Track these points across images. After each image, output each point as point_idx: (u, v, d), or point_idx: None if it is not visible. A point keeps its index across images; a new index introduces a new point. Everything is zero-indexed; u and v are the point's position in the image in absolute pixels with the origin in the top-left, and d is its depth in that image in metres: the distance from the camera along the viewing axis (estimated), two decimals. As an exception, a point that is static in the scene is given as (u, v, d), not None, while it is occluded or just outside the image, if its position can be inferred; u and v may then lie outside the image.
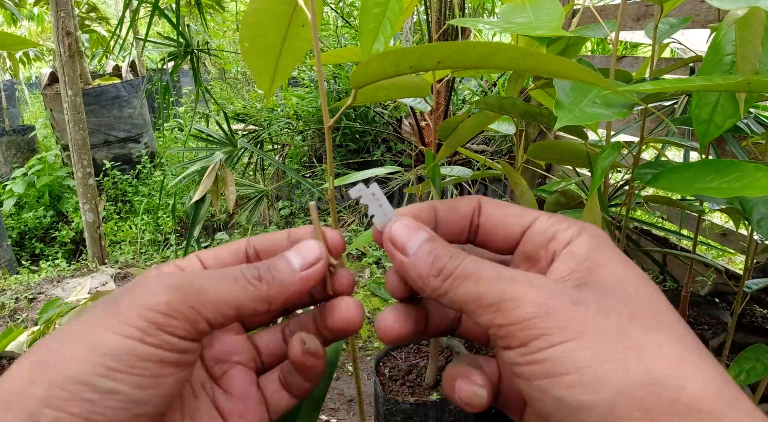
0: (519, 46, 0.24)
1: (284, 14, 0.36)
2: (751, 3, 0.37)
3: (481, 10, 3.15)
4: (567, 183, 0.95)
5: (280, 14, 0.36)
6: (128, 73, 4.34)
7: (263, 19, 0.36)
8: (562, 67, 0.25)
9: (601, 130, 0.78)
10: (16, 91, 7.15)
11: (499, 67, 0.26)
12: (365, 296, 2.03)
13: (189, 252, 1.86)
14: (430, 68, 0.28)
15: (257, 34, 0.37)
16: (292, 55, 0.38)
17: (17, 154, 4.29)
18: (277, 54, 0.38)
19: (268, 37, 0.37)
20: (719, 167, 0.46)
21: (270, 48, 0.38)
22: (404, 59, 0.26)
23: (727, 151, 1.36)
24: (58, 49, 2.36)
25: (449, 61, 0.26)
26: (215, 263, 0.27)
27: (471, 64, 0.26)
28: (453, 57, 0.25)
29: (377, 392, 1.15)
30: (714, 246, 1.83)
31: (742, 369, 0.81)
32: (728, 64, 0.52)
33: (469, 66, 0.26)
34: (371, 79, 0.29)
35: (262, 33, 0.37)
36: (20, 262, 3.01)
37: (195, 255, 0.27)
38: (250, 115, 3.23)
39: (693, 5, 1.42)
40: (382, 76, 0.29)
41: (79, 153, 2.49)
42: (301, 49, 0.38)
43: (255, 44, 0.37)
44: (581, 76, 0.25)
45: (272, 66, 0.38)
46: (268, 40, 0.37)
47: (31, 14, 5.69)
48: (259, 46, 0.37)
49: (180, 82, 6.73)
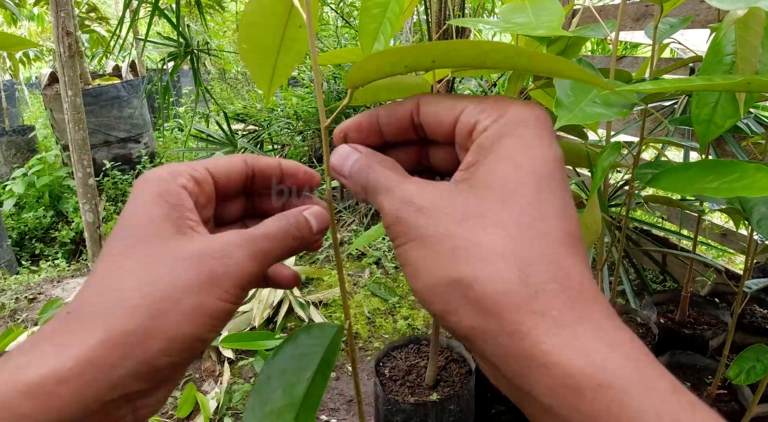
0: (514, 45, 0.24)
1: (281, 15, 0.36)
2: (750, 3, 0.37)
3: (481, 10, 3.15)
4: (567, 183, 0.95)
5: (277, 15, 0.36)
6: (128, 73, 4.34)
7: (260, 20, 0.36)
8: (555, 66, 0.25)
9: (601, 130, 0.78)
10: (16, 91, 7.15)
11: (495, 66, 0.26)
12: (365, 296, 2.03)
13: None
14: (426, 67, 0.27)
15: (255, 35, 0.37)
16: (291, 56, 0.38)
17: (17, 154, 4.28)
18: (275, 55, 0.38)
19: (265, 37, 0.37)
20: (719, 167, 0.46)
21: (268, 49, 0.37)
22: (399, 58, 0.26)
23: (727, 151, 1.36)
24: (58, 49, 2.36)
25: (444, 59, 0.26)
26: (225, 182, 0.30)
27: (466, 62, 0.26)
28: (449, 55, 0.25)
29: (377, 392, 1.15)
30: (714, 246, 1.83)
31: (742, 369, 0.81)
32: (728, 64, 0.52)
33: (465, 64, 0.26)
34: (367, 79, 0.29)
35: (259, 34, 0.37)
36: (20, 262, 3.01)
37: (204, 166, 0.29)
38: (250, 115, 3.23)
39: (693, 5, 1.42)
40: (378, 76, 0.28)
41: (79, 153, 2.49)
42: (300, 49, 0.38)
43: (253, 45, 0.37)
44: (575, 75, 0.25)
45: (271, 66, 0.38)
46: (266, 40, 0.37)
47: (31, 14, 5.69)
48: (258, 47, 0.37)
49: (180, 82, 6.73)
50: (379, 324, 1.88)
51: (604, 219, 0.73)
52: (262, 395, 0.31)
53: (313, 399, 0.30)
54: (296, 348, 0.33)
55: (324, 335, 0.34)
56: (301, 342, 0.33)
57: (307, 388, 0.31)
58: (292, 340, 0.33)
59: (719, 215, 2.08)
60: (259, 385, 0.31)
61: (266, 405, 0.30)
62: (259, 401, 0.30)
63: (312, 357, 0.32)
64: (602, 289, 1.52)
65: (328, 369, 0.32)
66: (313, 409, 0.30)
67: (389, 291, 2.05)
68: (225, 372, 1.64)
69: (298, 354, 0.32)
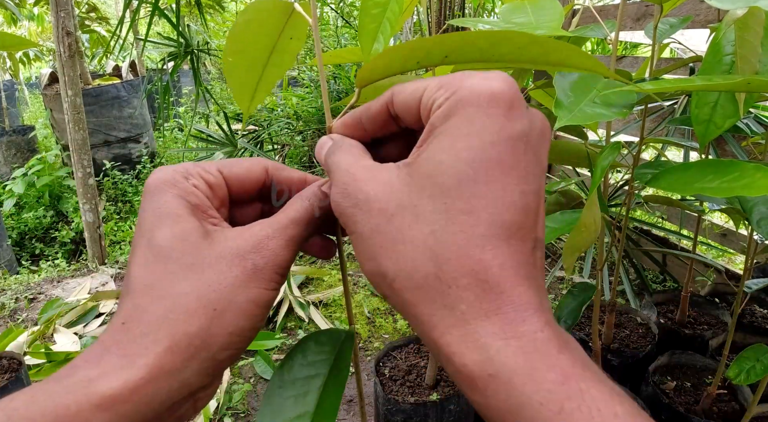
0: (526, 33, 0.24)
1: (276, 25, 0.36)
2: (750, 3, 0.37)
3: (481, 10, 3.14)
4: (567, 183, 0.95)
5: (271, 25, 0.36)
6: (128, 73, 4.34)
7: (253, 30, 0.36)
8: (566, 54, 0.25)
9: (601, 130, 0.78)
10: (16, 91, 7.15)
11: (508, 59, 0.26)
12: (365, 296, 2.03)
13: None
14: (438, 63, 0.27)
15: (244, 47, 0.36)
16: (277, 70, 0.38)
17: (17, 154, 4.28)
18: (261, 68, 0.37)
19: (255, 49, 0.36)
20: (719, 167, 0.46)
21: (256, 61, 0.37)
22: (411, 54, 0.26)
23: (727, 151, 1.36)
24: (58, 49, 2.36)
25: (457, 53, 0.26)
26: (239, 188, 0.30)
27: (479, 55, 0.26)
28: (463, 49, 0.25)
29: (377, 392, 1.15)
30: (714, 246, 1.83)
31: (742, 369, 0.81)
32: (728, 64, 0.52)
33: (478, 58, 0.26)
34: (378, 76, 0.29)
35: (249, 45, 0.36)
36: (20, 262, 3.01)
37: (218, 169, 0.29)
38: (250, 114, 3.23)
39: (693, 5, 1.42)
40: (388, 73, 0.29)
41: (79, 153, 2.49)
42: (287, 62, 0.38)
43: (240, 58, 0.36)
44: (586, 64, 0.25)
45: (255, 82, 0.38)
46: (256, 52, 0.36)
47: (31, 14, 5.69)
48: (244, 60, 0.36)
49: (180, 82, 6.73)
50: (379, 324, 1.89)
51: (604, 219, 0.73)
52: (273, 406, 0.30)
53: (327, 408, 0.29)
54: (305, 357, 0.32)
55: (333, 342, 0.33)
56: (310, 349, 0.33)
57: (320, 397, 0.30)
58: (300, 348, 0.33)
59: (719, 215, 2.08)
60: (269, 396, 0.30)
61: (278, 417, 0.29)
62: (270, 412, 0.30)
63: (322, 366, 0.32)
64: (602, 289, 1.52)
65: (341, 376, 0.31)
66: (331, 418, 0.29)
67: (389, 291, 2.05)
68: (225, 372, 1.64)
69: (307, 363, 0.32)
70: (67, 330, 1.83)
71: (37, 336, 1.80)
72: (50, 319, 1.88)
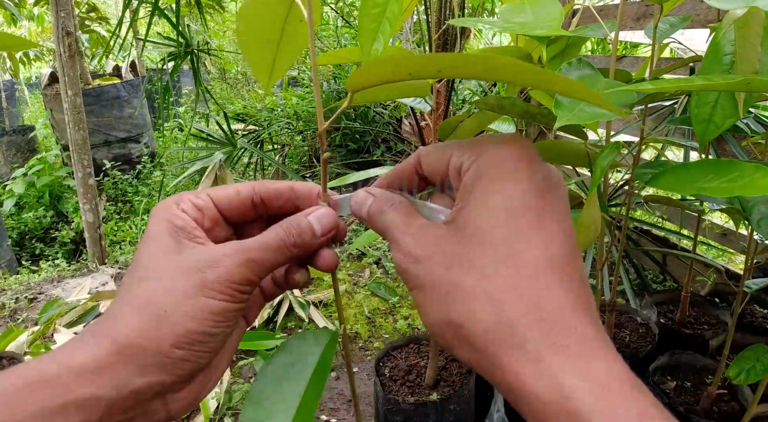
0: (519, 62, 0.24)
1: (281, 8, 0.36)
2: (750, 3, 0.37)
3: (481, 10, 3.14)
4: (567, 183, 0.95)
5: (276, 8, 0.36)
6: (128, 73, 4.34)
7: (260, 11, 0.36)
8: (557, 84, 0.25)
9: (601, 129, 0.78)
10: (16, 91, 7.15)
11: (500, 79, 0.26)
12: (365, 296, 2.03)
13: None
14: (431, 76, 0.28)
15: (254, 27, 0.37)
16: (291, 48, 0.38)
17: (17, 154, 4.28)
18: (275, 46, 0.38)
19: (264, 29, 0.37)
20: (719, 167, 0.46)
21: (267, 40, 0.37)
22: (403, 67, 0.26)
23: (727, 151, 1.36)
24: (58, 49, 2.36)
25: (449, 71, 0.26)
26: (228, 207, 0.33)
27: (471, 76, 0.27)
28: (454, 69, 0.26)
29: (377, 392, 1.15)
30: (714, 246, 1.83)
31: (742, 369, 0.81)
32: (728, 64, 0.52)
33: (470, 77, 0.27)
34: (368, 84, 0.29)
35: (258, 25, 0.37)
36: (20, 262, 3.01)
37: (208, 194, 0.33)
38: (250, 115, 3.23)
39: (693, 5, 1.42)
40: (379, 82, 0.29)
41: (79, 153, 2.49)
42: (300, 44, 0.38)
43: (252, 37, 0.37)
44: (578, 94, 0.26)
45: (270, 58, 0.38)
46: (265, 33, 0.37)
47: (31, 14, 5.69)
48: (257, 38, 0.37)
49: (180, 82, 6.72)
50: (379, 324, 1.88)
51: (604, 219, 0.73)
52: (256, 405, 0.31)
53: (308, 407, 0.30)
54: (289, 357, 0.33)
55: (318, 342, 0.34)
56: (294, 349, 0.34)
57: (302, 396, 0.31)
58: (284, 348, 0.34)
59: (719, 215, 2.08)
60: (253, 395, 0.32)
61: (261, 414, 0.30)
62: (253, 411, 0.31)
63: (305, 366, 0.33)
64: (602, 289, 1.52)
65: (323, 376, 0.32)
66: (310, 416, 0.30)
67: (389, 290, 2.05)
68: (225, 372, 1.64)
69: (290, 363, 0.33)
70: (67, 330, 1.83)
71: (38, 336, 1.80)
72: (50, 319, 1.88)
